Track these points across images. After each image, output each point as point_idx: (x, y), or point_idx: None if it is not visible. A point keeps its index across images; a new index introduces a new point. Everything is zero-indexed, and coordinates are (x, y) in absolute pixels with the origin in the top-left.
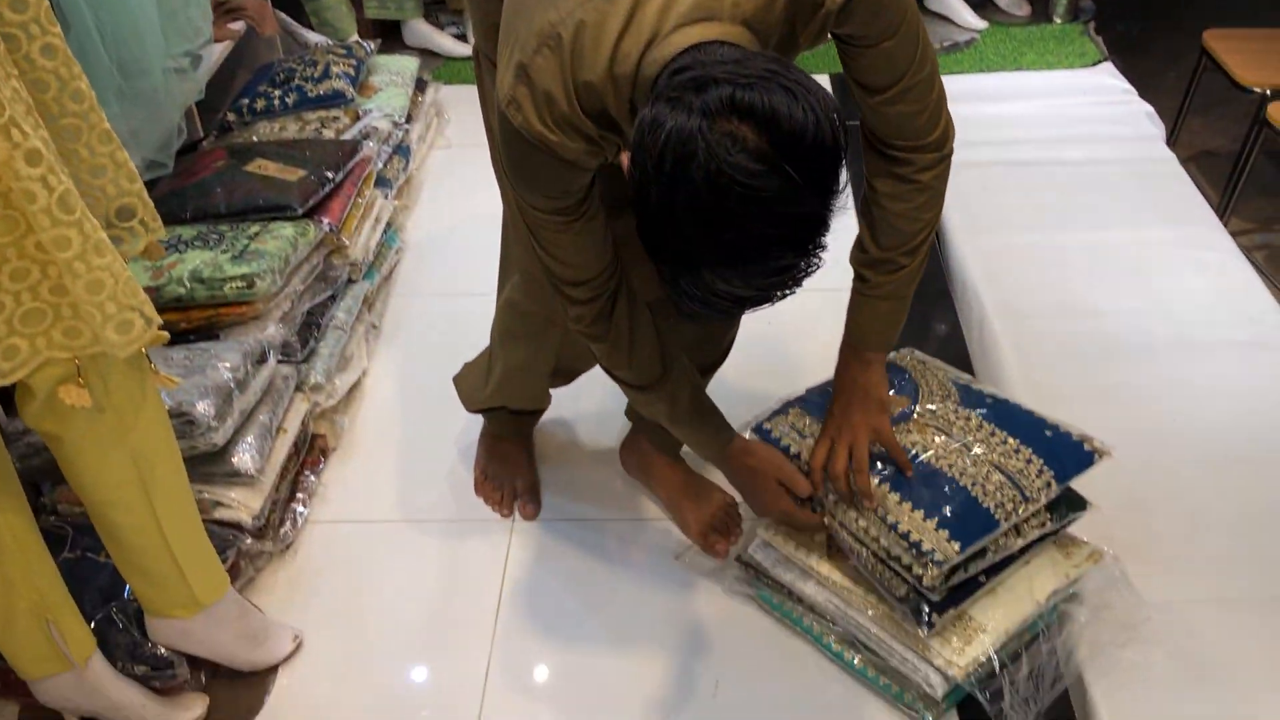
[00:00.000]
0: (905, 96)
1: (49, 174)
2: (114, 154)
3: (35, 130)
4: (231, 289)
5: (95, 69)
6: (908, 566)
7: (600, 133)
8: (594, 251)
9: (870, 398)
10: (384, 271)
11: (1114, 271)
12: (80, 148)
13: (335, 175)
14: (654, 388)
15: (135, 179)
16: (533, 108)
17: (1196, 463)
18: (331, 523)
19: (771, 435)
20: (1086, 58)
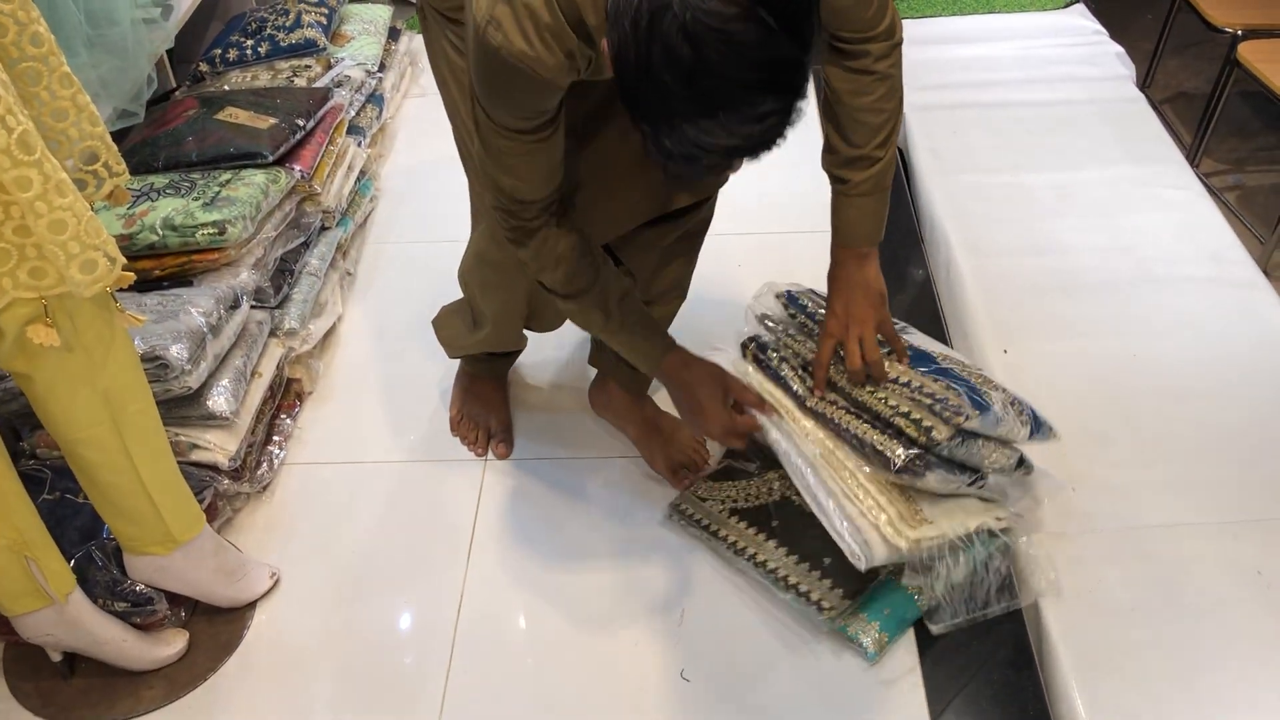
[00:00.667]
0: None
1: (8, 114)
2: (75, 97)
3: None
4: (203, 235)
5: (63, 18)
6: (919, 422)
7: (579, 44)
8: (548, 171)
9: (871, 290)
10: (358, 219)
11: (1080, 210)
12: (41, 91)
13: (306, 123)
14: (584, 295)
15: (98, 123)
16: (514, 23)
17: (1155, 393)
18: (308, 464)
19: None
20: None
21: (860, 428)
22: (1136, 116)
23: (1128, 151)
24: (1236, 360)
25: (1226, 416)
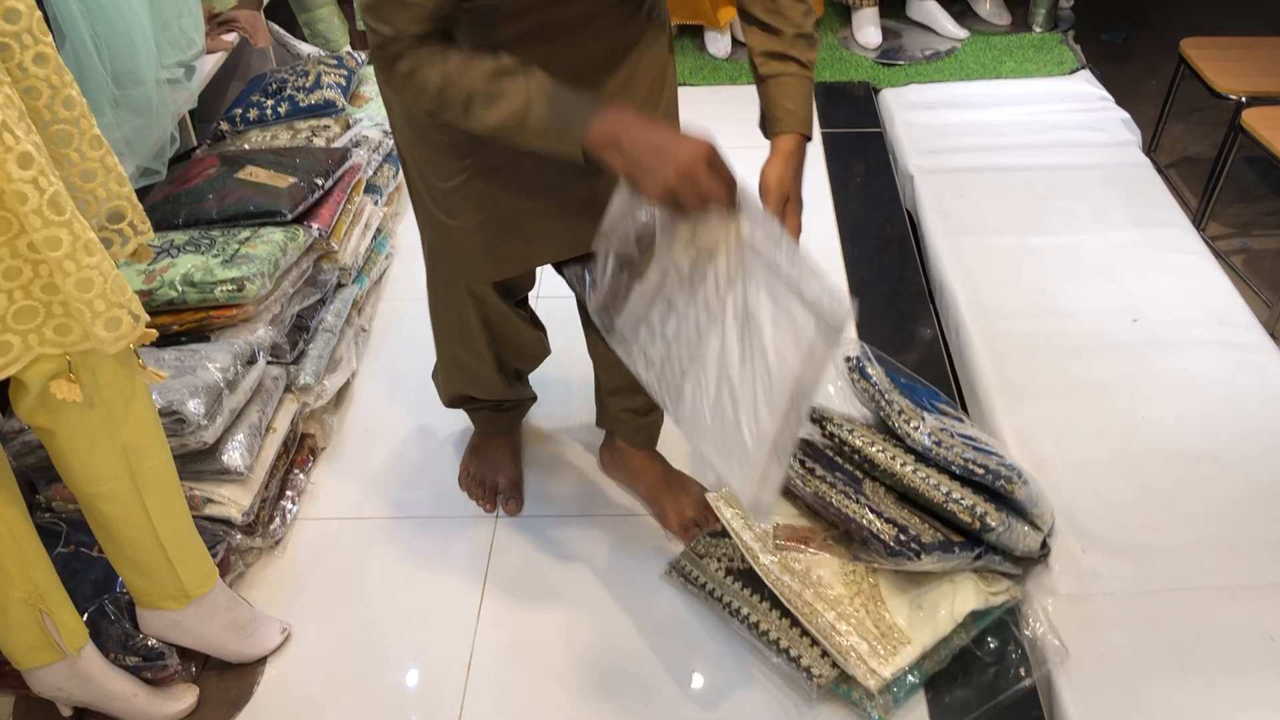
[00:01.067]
0: None
1: (40, 176)
2: (104, 158)
3: (27, 135)
4: (222, 292)
5: (91, 79)
6: (972, 508)
7: None
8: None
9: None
10: (374, 276)
11: (1086, 273)
12: (71, 152)
13: (325, 182)
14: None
15: (125, 183)
16: None
17: (1164, 455)
18: (320, 519)
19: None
20: (1065, 65)
21: (850, 507)
22: (1142, 181)
23: (1134, 216)
24: (1245, 423)
25: (1236, 479)
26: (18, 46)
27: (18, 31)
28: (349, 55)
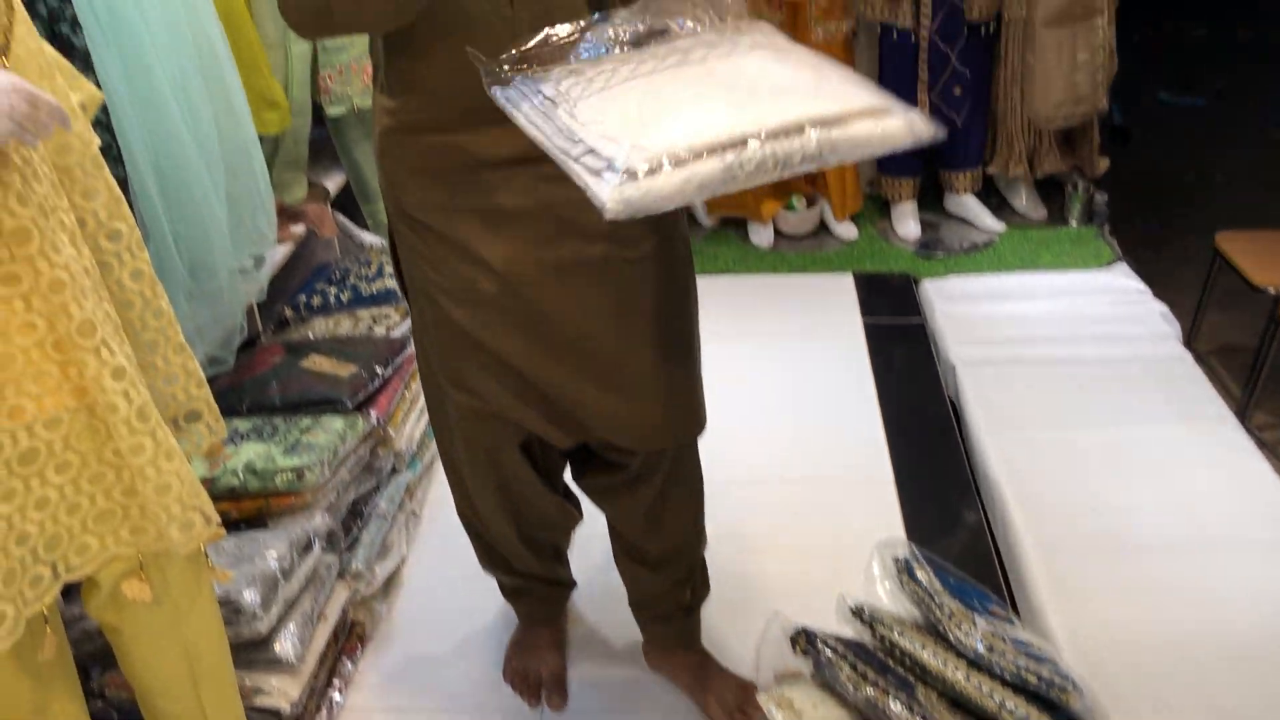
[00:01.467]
0: None
1: (130, 388)
2: (186, 364)
3: (120, 347)
4: (282, 480)
5: (169, 273)
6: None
7: None
8: None
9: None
10: (426, 461)
11: (1134, 469)
12: (157, 359)
13: (384, 370)
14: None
15: (203, 385)
16: None
17: (1220, 661)
18: (367, 711)
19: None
20: (1101, 259)
21: (904, 716)
22: (1184, 375)
23: (1177, 410)
24: None
25: None
26: (118, 264)
27: (118, 250)
28: None
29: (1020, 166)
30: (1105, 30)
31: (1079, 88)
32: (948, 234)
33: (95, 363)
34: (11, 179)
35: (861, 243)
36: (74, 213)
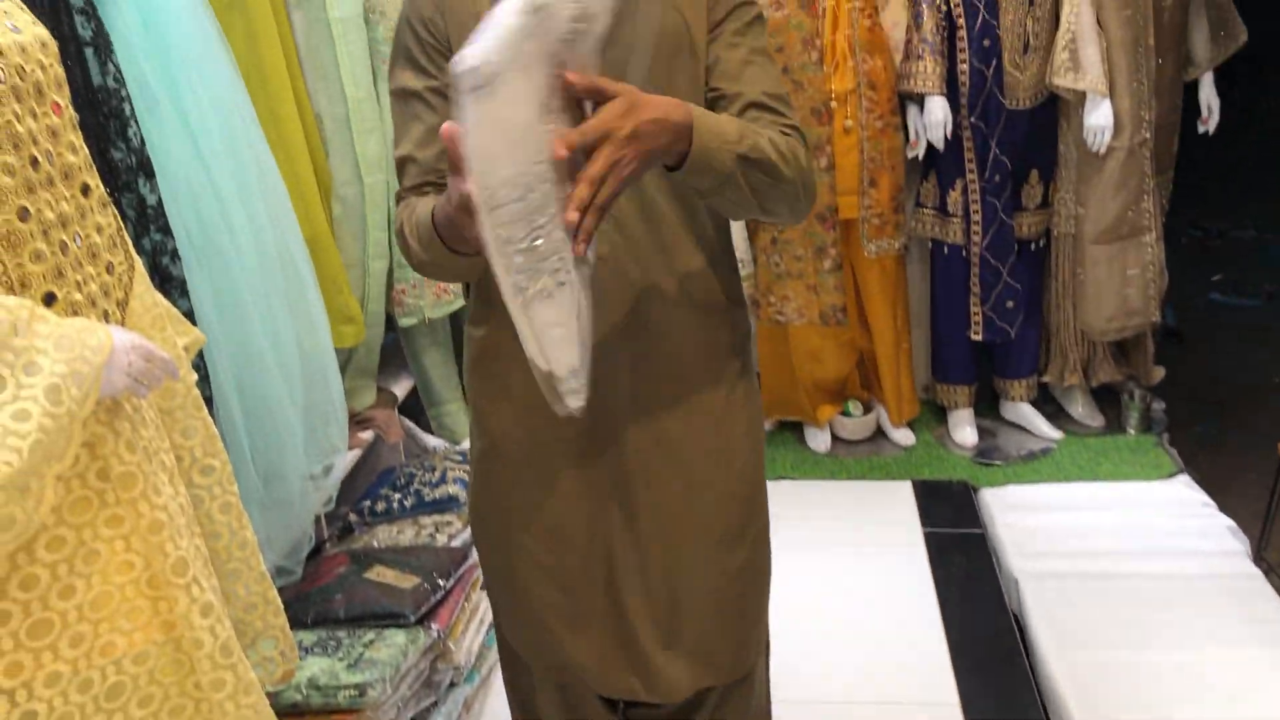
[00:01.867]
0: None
1: (216, 623)
2: (266, 592)
3: (208, 581)
4: (345, 697)
5: (244, 483)
6: None
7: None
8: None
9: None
10: (484, 673)
11: (1209, 694)
12: (239, 587)
13: (446, 582)
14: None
15: (280, 613)
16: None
17: None
18: None
19: None
20: (1162, 469)
21: None
22: (1256, 593)
23: (1252, 631)
24: None
25: None
26: (209, 498)
27: (210, 485)
28: None
29: (1075, 376)
30: (1154, 247)
31: (1130, 301)
32: (1005, 441)
33: (185, 599)
34: (123, 427)
35: (919, 449)
36: (173, 451)
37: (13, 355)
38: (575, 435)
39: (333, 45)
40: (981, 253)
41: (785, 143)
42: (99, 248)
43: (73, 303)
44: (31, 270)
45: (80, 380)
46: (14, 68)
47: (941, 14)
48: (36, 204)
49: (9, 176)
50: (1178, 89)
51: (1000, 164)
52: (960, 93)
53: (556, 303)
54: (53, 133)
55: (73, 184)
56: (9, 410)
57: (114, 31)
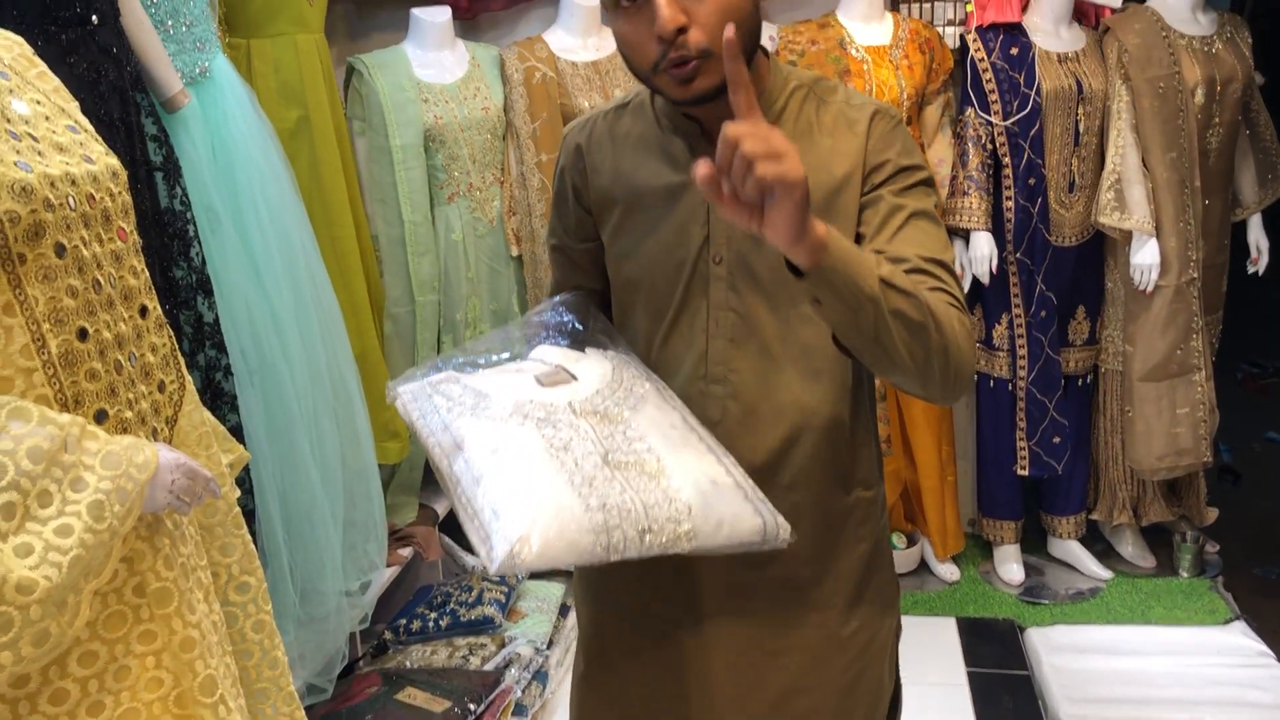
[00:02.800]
0: None
1: None
2: (294, 713)
3: (236, 700)
4: None
5: (281, 599)
6: None
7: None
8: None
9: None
10: None
11: None
12: (267, 707)
13: (477, 707)
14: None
15: None
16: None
17: None
18: None
19: None
20: (1217, 615)
21: None
22: None
23: None
24: None
25: None
26: (243, 615)
27: (245, 603)
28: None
29: (1125, 514)
30: (1204, 386)
31: (1181, 440)
32: (1052, 579)
33: (212, 718)
34: (162, 544)
35: (964, 584)
36: (210, 567)
37: (61, 471)
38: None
39: (393, 171)
40: (1028, 387)
41: (938, 302)
42: (152, 367)
43: (123, 420)
44: (86, 388)
45: (124, 497)
46: (85, 196)
47: (987, 152)
48: (95, 324)
49: (72, 299)
50: (1226, 229)
51: (1046, 300)
52: (1006, 229)
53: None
54: (116, 257)
55: (132, 305)
56: (53, 525)
57: (184, 157)
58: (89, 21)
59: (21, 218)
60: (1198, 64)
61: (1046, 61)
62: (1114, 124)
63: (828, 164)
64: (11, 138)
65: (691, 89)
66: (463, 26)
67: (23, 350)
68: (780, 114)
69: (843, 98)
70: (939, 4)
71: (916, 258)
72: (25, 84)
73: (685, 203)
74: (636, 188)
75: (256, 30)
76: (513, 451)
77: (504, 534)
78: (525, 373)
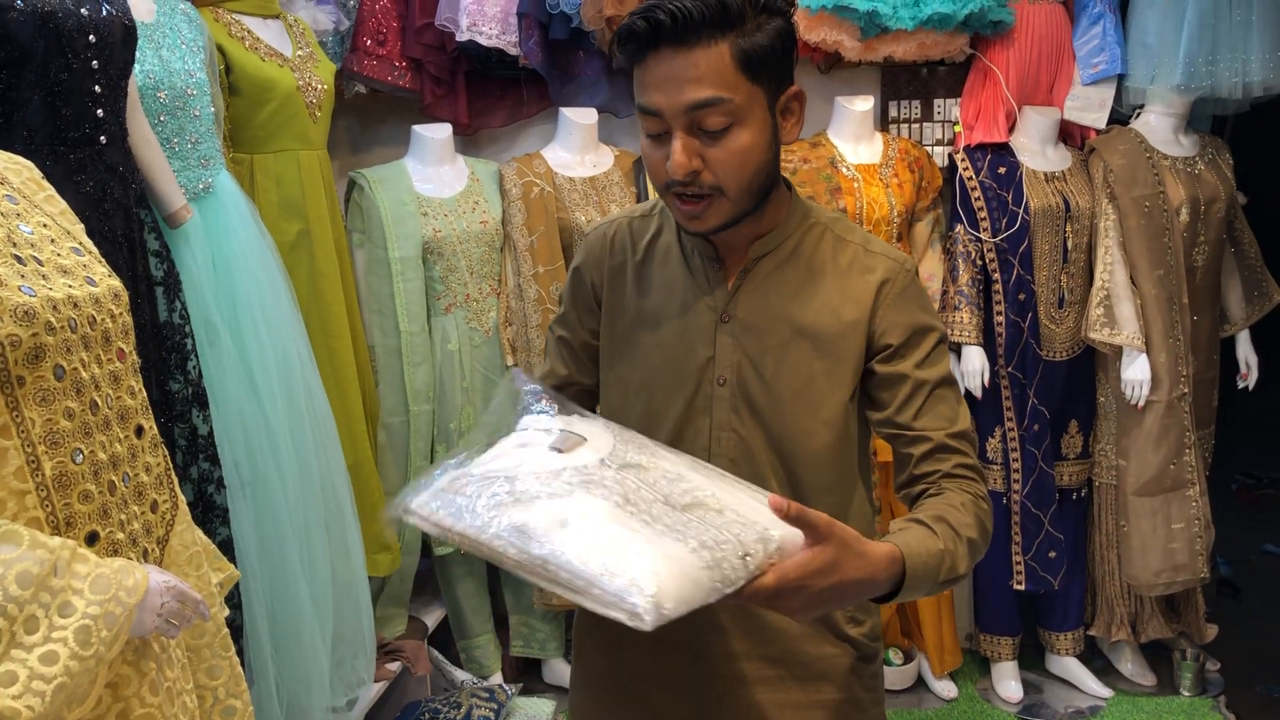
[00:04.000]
0: None
1: None
2: None
3: None
4: None
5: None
6: None
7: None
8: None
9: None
10: None
11: None
12: None
13: None
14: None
15: None
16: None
17: None
18: None
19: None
20: None
21: None
22: None
23: None
24: None
25: None
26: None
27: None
28: (499, 688)
29: (1123, 630)
30: (1199, 501)
31: (1177, 556)
32: (1051, 697)
33: None
34: (148, 668)
35: (961, 701)
36: (196, 691)
37: (49, 596)
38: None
39: (391, 282)
40: (1022, 501)
41: (978, 525)
42: (146, 486)
43: (114, 541)
44: (79, 510)
45: (112, 622)
46: (86, 318)
47: (976, 268)
48: (91, 446)
49: (69, 420)
50: (1215, 344)
51: (1039, 413)
52: (997, 343)
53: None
54: (114, 378)
55: (128, 426)
56: (38, 653)
57: (184, 270)
58: (98, 142)
59: (23, 341)
60: (1181, 184)
61: (1034, 180)
62: (1101, 241)
63: (837, 307)
64: (17, 262)
65: (697, 224)
66: (463, 142)
67: (16, 473)
68: (793, 250)
69: (861, 240)
70: (928, 125)
71: (942, 435)
72: (33, 207)
73: (695, 319)
74: (653, 292)
75: (260, 146)
76: (583, 517)
77: (640, 589)
78: (535, 445)
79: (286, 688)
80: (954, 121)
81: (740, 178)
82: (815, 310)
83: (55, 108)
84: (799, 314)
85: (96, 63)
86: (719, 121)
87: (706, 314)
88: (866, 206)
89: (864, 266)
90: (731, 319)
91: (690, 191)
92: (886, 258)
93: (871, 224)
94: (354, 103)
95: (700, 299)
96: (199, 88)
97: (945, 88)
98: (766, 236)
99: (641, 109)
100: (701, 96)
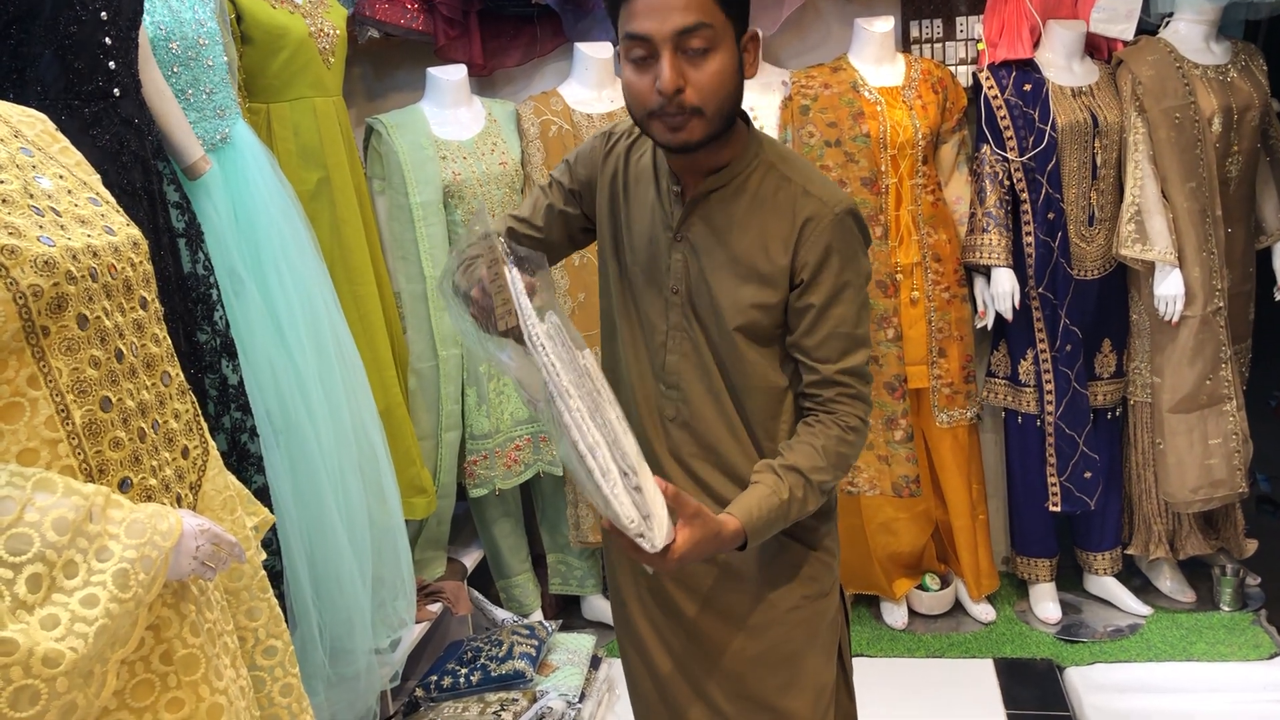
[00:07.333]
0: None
1: None
2: None
3: None
4: None
5: (310, 660)
6: None
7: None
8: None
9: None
10: None
11: None
12: None
13: None
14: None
15: None
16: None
17: None
18: None
19: None
20: (1261, 650)
21: None
22: None
23: None
24: None
25: None
26: (270, 679)
27: (272, 666)
28: (540, 625)
29: (1161, 549)
30: (1236, 416)
31: (1215, 472)
32: (1090, 617)
33: None
34: (188, 610)
35: (1000, 625)
36: (237, 632)
37: (86, 541)
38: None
39: (413, 228)
40: (1056, 422)
41: (832, 464)
42: (175, 433)
43: (147, 488)
44: (110, 457)
45: (149, 565)
46: (106, 267)
47: (1004, 188)
48: (119, 394)
49: (94, 369)
50: (1250, 257)
51: (1071, 334)
52: (1027, 264)
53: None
54: (138, 326)
55: (154, 373)
56: (79, 596)
57: (206, 223)
58: (111, 95)
59: (44, 291)
60: (1213, 93)
61: (1060, 96)
62: (1131, 156)
63: (768, 242)
64: (35, 213)
65: (677, 138)
66: (478, 83)
67: (47, 422)
68: (740, 186)
69: (802, 179)
70: (950, 44)
71: (831, 370)
72: (48, 159)
73: (659, 233)
74: (634, 204)
75: (275, 95)
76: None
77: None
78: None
79: (329, 631)
80: (977, 39)
81: (716, 98)
82: (749, 242)
83: (67, 61)
84: (735, 245)
85: (105, 14)
86: (701, 43)
87: (665, 231)
88: (890, 130)
89: (796, 206)
90: (684, 239)
91: (672, 111)
92: (817, 200)
93: (896, 147)
94: (368, 48)
95: (662, 218)
96: (210, 37)
97: (967, 5)
98: (720, 171)
99: (630, 36)
100: (689, 22)
